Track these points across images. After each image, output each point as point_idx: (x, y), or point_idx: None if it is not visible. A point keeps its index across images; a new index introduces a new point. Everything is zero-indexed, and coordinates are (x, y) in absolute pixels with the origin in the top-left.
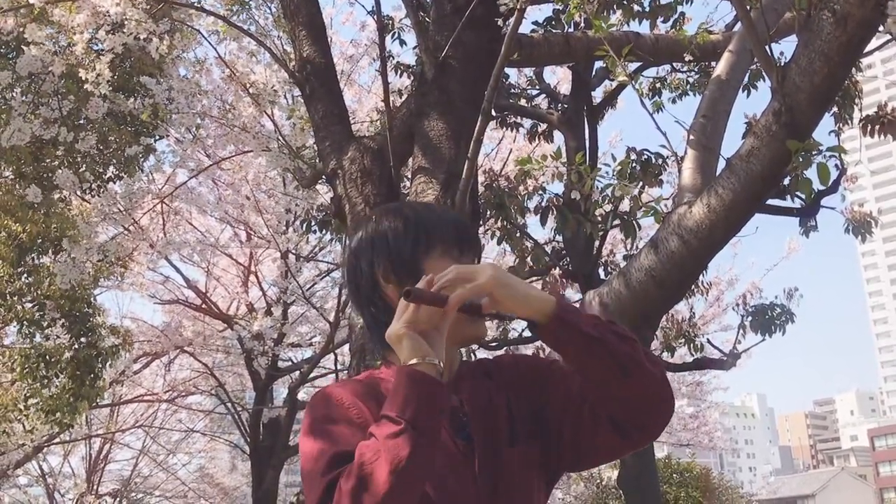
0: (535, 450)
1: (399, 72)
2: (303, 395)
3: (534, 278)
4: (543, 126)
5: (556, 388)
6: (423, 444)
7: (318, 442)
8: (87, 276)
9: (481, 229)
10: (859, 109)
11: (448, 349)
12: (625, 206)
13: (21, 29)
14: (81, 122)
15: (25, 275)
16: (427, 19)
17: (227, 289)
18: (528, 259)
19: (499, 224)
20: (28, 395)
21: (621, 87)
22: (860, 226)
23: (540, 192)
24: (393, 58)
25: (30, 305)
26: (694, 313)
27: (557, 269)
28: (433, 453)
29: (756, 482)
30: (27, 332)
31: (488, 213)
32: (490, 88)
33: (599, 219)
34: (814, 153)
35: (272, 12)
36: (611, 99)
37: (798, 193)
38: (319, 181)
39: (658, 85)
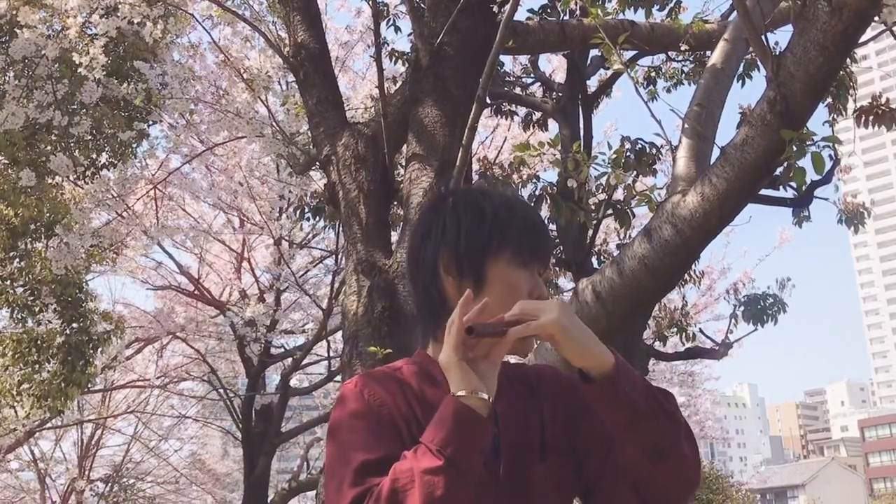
0: (567, 468)
1: (394, 58)
2: (295, 381)
3: None
4: (538, 114)
5: (590, 423)
6: (460, 484)
7: (347, 443)
8: (80, 261)
9: None
10: (853, 100)
11: None
12: (619, 194)
13: (14, 12)
14: (75, 106)
15: (17, 259)
16: (422, 5)
17: (220, 275)
18: None
19: None
20: (20, 380)
21: (616, 75)
22: (853, 216)
23: (534, 180)
24: (388, 44)
25: (21, 290)
26: (686, 302)
27: (551, 257)
28: (467, 493)
29: (746, 472)
30: (19, 316)
31: None
32: (485, 76)
33: (593, 207)
34: (808, 143)
35: None
36: (606, 87)
37: (792, 183)
38: (313, 167)
39: (653, 74)
